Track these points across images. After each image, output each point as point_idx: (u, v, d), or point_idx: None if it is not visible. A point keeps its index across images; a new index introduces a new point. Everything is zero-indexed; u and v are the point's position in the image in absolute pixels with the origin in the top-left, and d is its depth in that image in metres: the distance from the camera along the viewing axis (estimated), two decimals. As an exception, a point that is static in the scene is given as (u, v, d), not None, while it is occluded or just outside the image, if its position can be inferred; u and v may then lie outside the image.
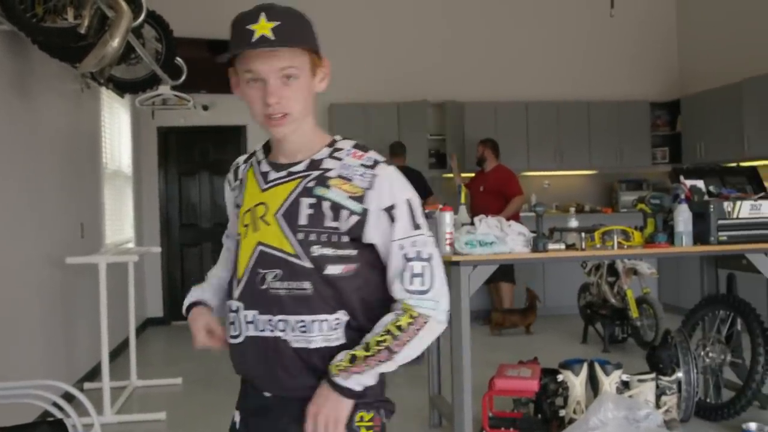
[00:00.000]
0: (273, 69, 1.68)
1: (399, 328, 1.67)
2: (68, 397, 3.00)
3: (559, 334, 7.36)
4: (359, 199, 1.68)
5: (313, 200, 1.69)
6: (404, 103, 8.72)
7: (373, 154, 1.74)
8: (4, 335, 4.07)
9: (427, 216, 6.02)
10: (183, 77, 6.39)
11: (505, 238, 3.86)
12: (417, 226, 1.71)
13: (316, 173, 1.72)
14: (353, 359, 1.66)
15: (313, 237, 1.68)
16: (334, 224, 1.68)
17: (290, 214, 1.70)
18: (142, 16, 4.37)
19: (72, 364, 5.32)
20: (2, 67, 4.29)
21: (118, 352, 6.27)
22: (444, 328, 1.72)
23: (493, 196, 7.47)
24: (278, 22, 1.69)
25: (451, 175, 8.76)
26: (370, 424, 1.78)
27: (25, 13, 4.00)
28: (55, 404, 2.69)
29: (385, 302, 1.73)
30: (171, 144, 8.91)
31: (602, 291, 6.58)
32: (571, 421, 4.05)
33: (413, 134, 8.50)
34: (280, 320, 1.70)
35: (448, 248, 3.88)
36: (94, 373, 5.71)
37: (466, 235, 3.84)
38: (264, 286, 1.70)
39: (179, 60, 6.26)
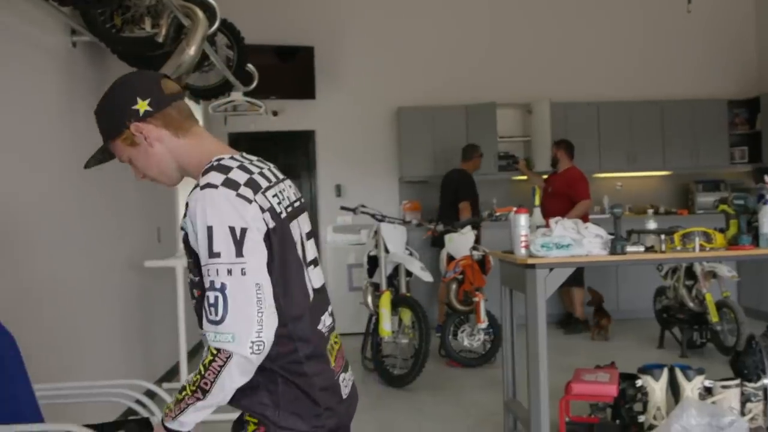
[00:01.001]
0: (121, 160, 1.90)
1: (205, 366, 1.62)
2: (150, 396, 3.06)
3: (634, 339, 7.19)
4: (188, 218, 1.67)
5: (182, 231, 1.73)
6: (472, 105, 8.66)
7: (205, 177, 1.68)
8: (88, 336, 4.19)
9: (497, 218, 5.95)
10: (254, 83, 6.48)
11: (581, 240, 3.79)
12: (214, 254, 1.61)
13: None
14: (177, 400, 1.68)
15: (187, 261, 1.75)
16: (193, 250, 1.68)
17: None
18: (216, 24, 4.44)
19: (150, 365, 5.45)
20: (84, 76, 4.43)
21: (194, 352, 6.39)
22: (258, 361, 1.62)
23: (560, 198, 7.33)
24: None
25: (521, 177, 8.67)
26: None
27: (105, 24, 4.12)
28: (139, 402, 2.75)
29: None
30: (241, 149, 8.84)
31: (680, 295, 6.41)
32: (651, 427, 3.95)
33: (482, 136, 8.44)
34: None
35: (523, 251, 3.83)
36: (172, 374, 5.82)
37: (541, 238, 3.78)
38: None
39: (250, 66, 6.36)
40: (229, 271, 1.60)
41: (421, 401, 5.36)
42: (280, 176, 1.92)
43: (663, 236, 3.91)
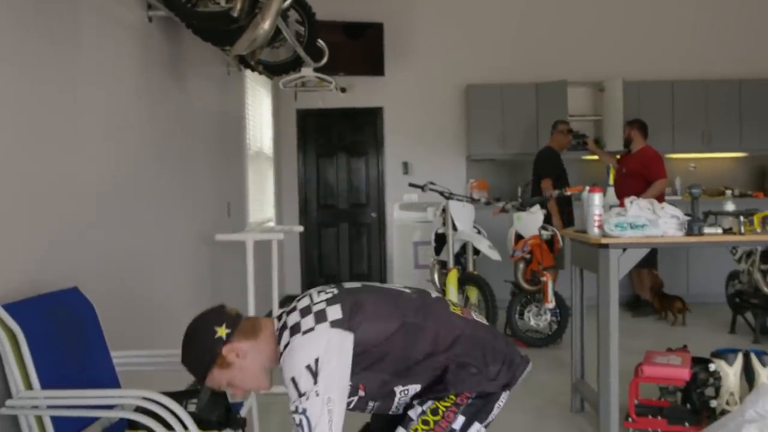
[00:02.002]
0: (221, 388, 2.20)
1: None
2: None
3: (704, 324, 7.02)
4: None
5: None
6: (542, 83, 8.53)
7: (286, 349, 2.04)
8: (163, 307, 4.30)
9: (567, 198, 5.83)
10: (325, 59, 6.50)
11: (657, 221, 3.71)
12: (299, 392, 1.96)
13: None
14: None
15: None
16: None
17: None
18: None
19: (220, 337, 5.55)
20: (159, 50, 4.51)
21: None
22: None
23: (635, 178, 7.14)
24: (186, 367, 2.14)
25: (591, 157, 8.50)
26: None
27: (181, -1, 4.17)
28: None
29: None
30: (309, 126, 9.09)
31: (754, 279, 6.22)
32: (723, 412, 3.86)
33: (552, 115, 8.30)
34: None
35: (596, 230, 3.77)
36: (239, 346, 5.93)
37: (616, 218, 3.71)
38: None
39: (321, 42, 6.37)
40: (315, 401, 1.98)
41: (487, 380, 5.34)
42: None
43: (742, 218, 3.80)
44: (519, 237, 6.25)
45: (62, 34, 3.21)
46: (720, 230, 3.81)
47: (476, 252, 6.16)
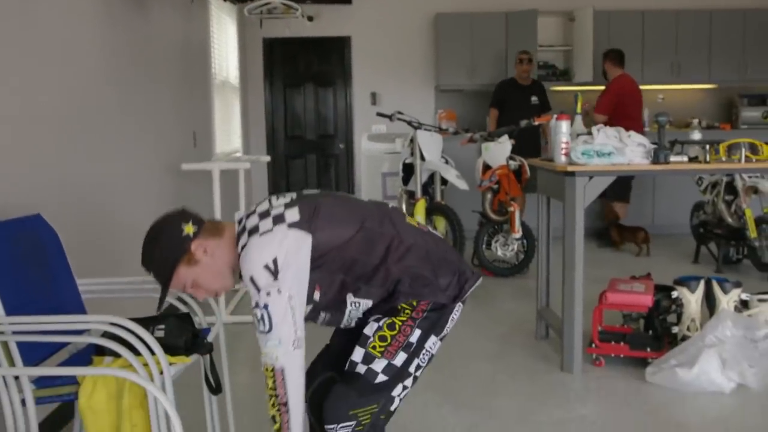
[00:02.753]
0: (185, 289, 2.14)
1: (272, 389, 1.96)
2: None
3: (669, 254, 7.14)
4: None
5: None
6: (513, 12, 8.42)
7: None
8: (128, 235, 4.25)
9: (536, 127, 5.78)
10: (291, -15, 6.34)
11: (623, 149, 3.71)
12: (258, 289, 1.94)
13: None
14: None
15: None
16: None
17: None
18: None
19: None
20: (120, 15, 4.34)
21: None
22: (299, 353, 1.96)
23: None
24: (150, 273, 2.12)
25: (562, 87, 8.46)
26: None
27: None
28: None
29: None
30: (276, 55, 8.92)
31: (719, 210, 6.31)
32: (684, 338, 3.95)
33: (522, 45, 8.23)
34: None
35: (563, 158, 3.77)
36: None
37: (582, 145, 3.71)
38: None
39: (287, -33, 6.21)
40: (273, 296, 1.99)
41: (454, 308, 5.40)
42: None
43: (707, 146, 3.82)
44: (487, 167, 6.25)
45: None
46: (686, 158, 3.83)
47: (444, 182, 6.15)
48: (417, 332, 2.08)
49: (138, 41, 4.62)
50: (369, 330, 2.08)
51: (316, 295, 2.05)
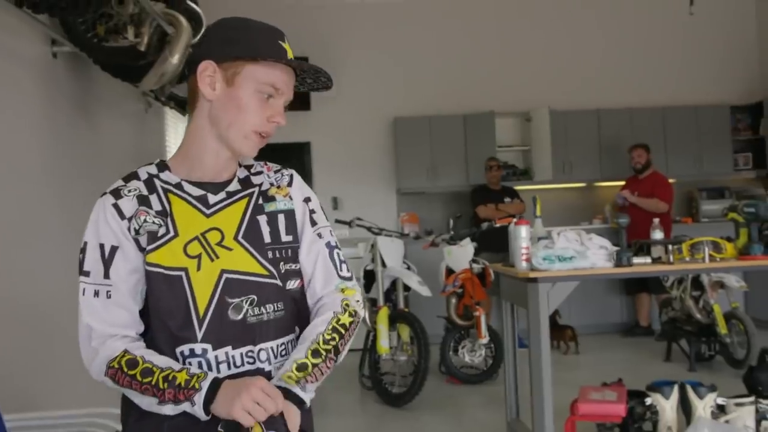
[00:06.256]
0: (290, 94, 1.66)
1: (344, 326, 1.65)
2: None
3: (640, 352, 7.00)
4: (289, 196, 1.73)
5: (267, 217, 1.68)
6: (470, 114, 8.49)
7: (275, 165, 1.80)
8: (69, 360, 4.00)
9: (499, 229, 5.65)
10: (245, 94, 6.31)
11: (585, 252, 3.61)
12: (327, 218, 1.78)
13: (255, 190, 1.71)
14: (303, 367, 1.57)
15: (278, 254, 1.66)
16: (289, 238, 1.69)
17: (253, 235, 1.64)
18: (202, 32, 4.27)
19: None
20: (66, 87, 4.25)
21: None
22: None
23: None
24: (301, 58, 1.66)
25: (523, 186, 8.46)
26: None
27: (87, 33, 3.95)
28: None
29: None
30: (236, 163, 8.85)
31: (686, 306, 6.21)
32: (662, 448, 3.76)
33: (480, 146, 8.28)
34: (261, 350, 1.62)
35: (524, 264, 3.65)
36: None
37: (543, 250, 3.59)
38: (240, 317, 1.59)
39: (242, 77, 6.19)
40: (331, 232, 1.78)
41: (422, 421, 5.17)
42: None
43: (671, 247, 3.73)
44: (450, 271, 6.12)
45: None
46: (649, 260, 3.73)
47: (407, 288, 6.00)
48: None
49: (86, 154, 4.48)
50: None
51: None
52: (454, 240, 6.20)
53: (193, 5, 4.22)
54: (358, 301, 1.72)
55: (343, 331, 1.64)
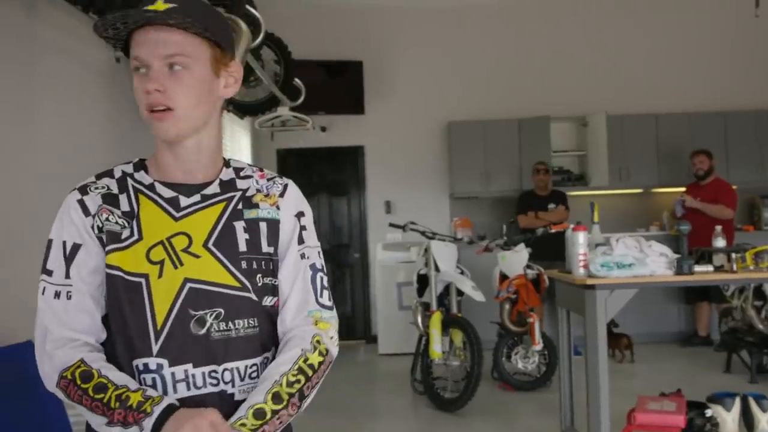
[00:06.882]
0: (157, 54, 1.41)
1: (311, 367, 1.48)
2: None
3: (698, 363, 6.84)
4: (276, 206, 1.56)
5: (246, 224, 1.52)
6: (525, 119, 8.42)
7: (272, 172, 1.63)
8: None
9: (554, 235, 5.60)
10: (302, 98, 6.37)
11: (645, 259, 3.54)
12: (317, 238, 1.63)
13: (236, 194, 1.54)
14: (261, 414, 1.39)
15: (255, 265, 1.50)
16: (270, 249, 1.53)
17: (226, 242, 1.48)
18: (261, 37, 4.33)
19: None
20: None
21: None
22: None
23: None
24: (174, 4, 1.40)
25: (578, 192, 8.35)
26: None
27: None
28: None
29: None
30: (290, 165, 8.93)
31: (748, 316, 6.04)
32: (723, 461, 3.67)
33: (535, 151, 8.20)
34: (225, 370, 1.45)
35: (582, 270, 3.60)
36: None
37: (601, 257, 3.54)
38: (203, 331, 1.43)
39: (298, 81, 6.25)
40: (319, 253, 1.62)
41: (474, 427, 5.13)
42: None
43: (734, 255, 3.64)
44: (504, 276, 6.07)
45: (16, 71, 3.05)
46: (711, 268, 3.65)
47: (460, 293, 5.97)
48: None
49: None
50: None
51: None
52: (509, 245, 6.15)
53: (253, 10, 4.27)
54: (332, 337, 1.54)
55: (310, 373, 1.46)
